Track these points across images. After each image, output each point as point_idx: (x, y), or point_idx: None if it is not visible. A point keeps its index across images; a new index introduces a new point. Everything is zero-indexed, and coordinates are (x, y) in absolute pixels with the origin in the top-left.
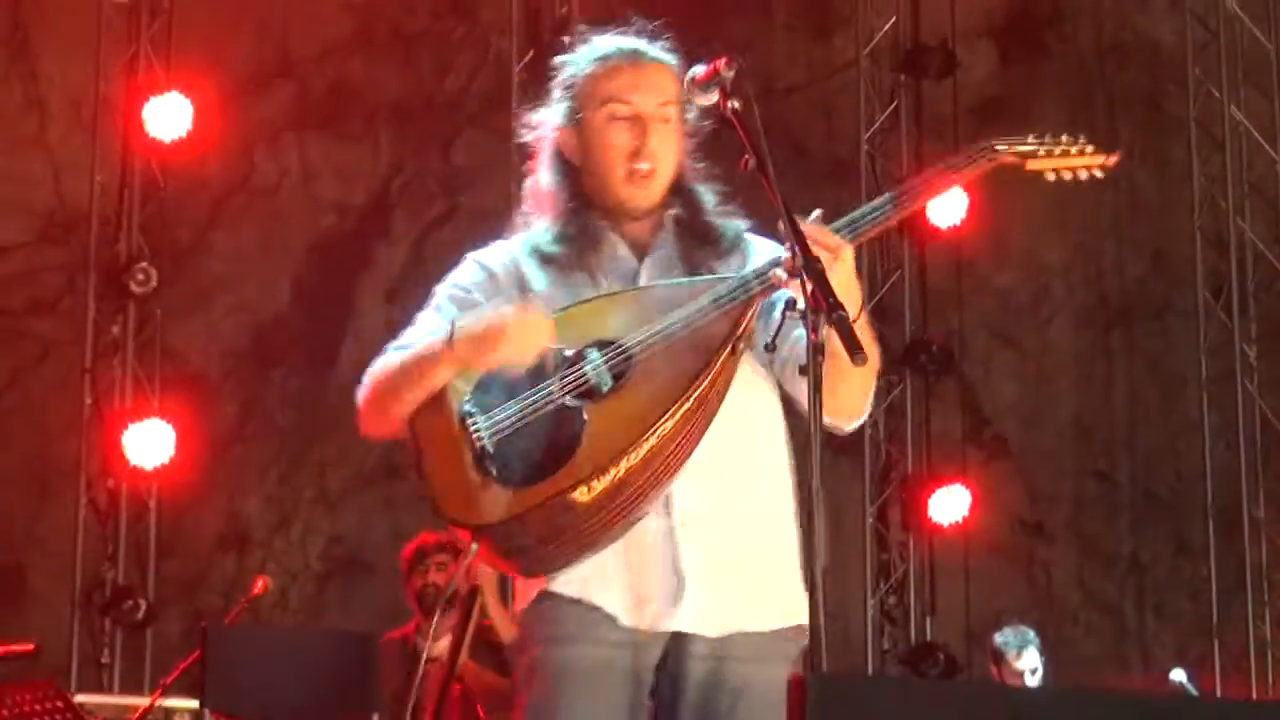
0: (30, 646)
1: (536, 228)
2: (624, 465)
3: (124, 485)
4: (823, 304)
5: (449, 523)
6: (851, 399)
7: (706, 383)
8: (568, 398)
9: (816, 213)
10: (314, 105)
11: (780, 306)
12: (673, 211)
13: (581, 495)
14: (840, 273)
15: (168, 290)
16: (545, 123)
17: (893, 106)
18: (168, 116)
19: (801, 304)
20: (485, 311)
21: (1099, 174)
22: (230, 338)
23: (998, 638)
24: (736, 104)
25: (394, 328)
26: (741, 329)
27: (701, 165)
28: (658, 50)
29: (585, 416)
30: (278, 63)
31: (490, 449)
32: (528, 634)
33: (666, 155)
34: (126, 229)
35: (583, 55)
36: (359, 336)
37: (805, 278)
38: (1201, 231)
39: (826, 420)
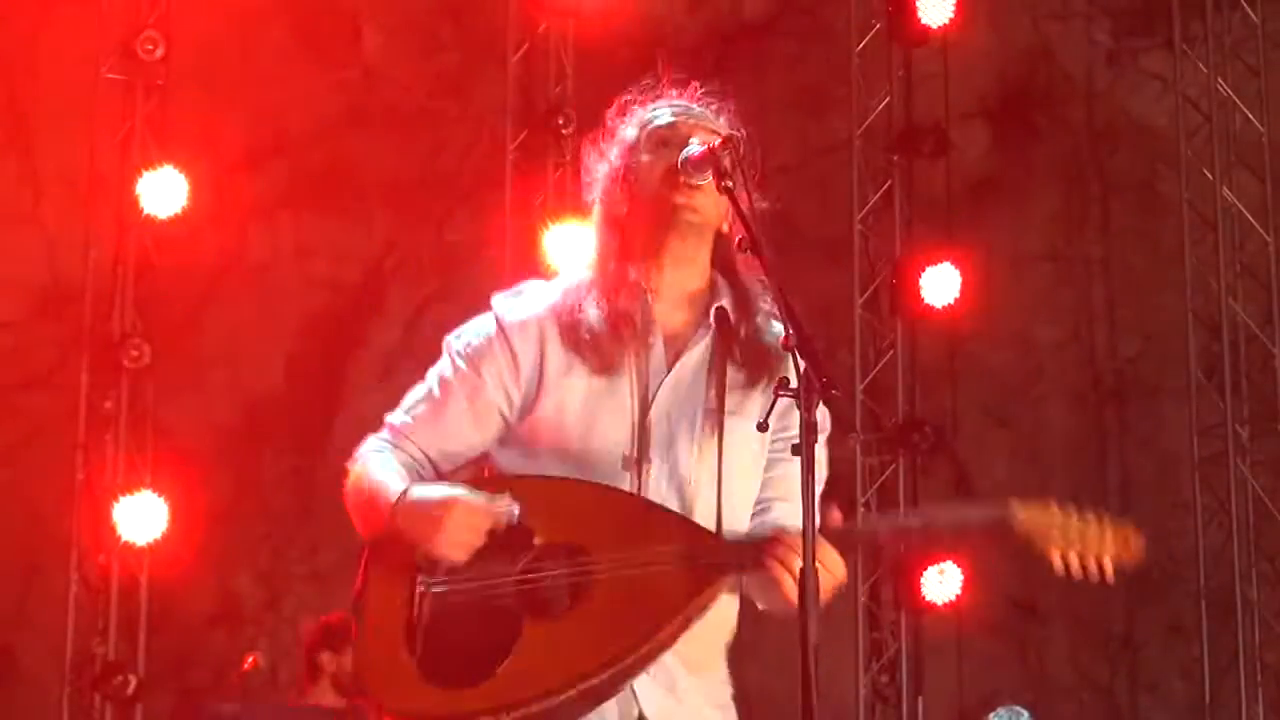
0: None
1: (581, 286)
2: (542, 705)
3: (115, 561)
4: (815, 383)
5: (362, 687)
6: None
7: (649, 646)
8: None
9: (835, 514)
10: (308, 182)
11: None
12: (721, 303)
13: None
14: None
15: (161, 366)
16: (597, 177)
17: (885, 186)
18: (162, 193)
19: (794, 382)
20: (431, 493)
21: (1110, 574)
22: (223, 414)
23: (993, 718)
24: (730, 184)
25: (387, 405)
26: (703, 602)
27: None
28: (712, 116)
29: (523, 629)
30: (272, 140)
31: (426, 621)
32: None
33: (714, 195)
34: (120, 305)
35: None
36: (351, 414)
37: (797, 356)
38: (1194, 312)
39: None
